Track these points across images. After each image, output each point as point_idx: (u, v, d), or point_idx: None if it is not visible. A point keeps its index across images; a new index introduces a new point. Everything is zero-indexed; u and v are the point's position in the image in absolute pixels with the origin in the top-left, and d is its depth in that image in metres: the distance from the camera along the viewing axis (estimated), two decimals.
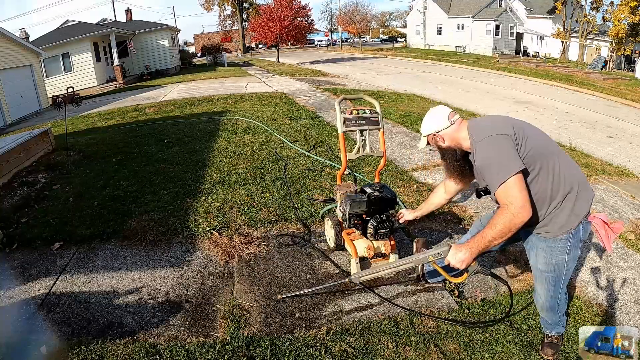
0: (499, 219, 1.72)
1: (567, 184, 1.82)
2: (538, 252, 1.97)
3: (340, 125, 2.89)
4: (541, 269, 1.99)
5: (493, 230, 1.74)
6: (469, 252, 1.80)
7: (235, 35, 50.25)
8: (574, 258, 1.93)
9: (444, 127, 1.98)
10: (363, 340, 2.21)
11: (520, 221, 1.70)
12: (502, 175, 1.70)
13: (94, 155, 5.48)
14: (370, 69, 21.92)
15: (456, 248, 1.83)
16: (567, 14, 27.57)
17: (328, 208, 3.51)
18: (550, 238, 1.89)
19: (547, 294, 2.03)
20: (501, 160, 1.72)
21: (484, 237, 1.77)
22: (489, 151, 1.77)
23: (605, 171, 5.57)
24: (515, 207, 1.68)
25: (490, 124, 1.89)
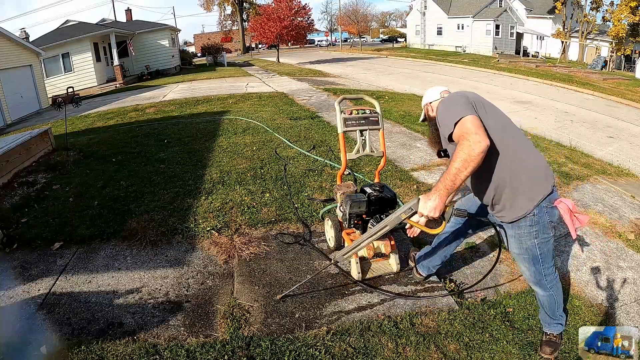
0: (459, 150, 1.69)
1: (522, 169, 1.85)
2: (509, 239, 2.05)
3: (340, 125, 2.89)
4: (516, 252, 2.08)
5: (456, 162, 1.68)
6: (438, 196, 1.72)
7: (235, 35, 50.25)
8: (544, 240, 1.95)
9: (435, 99, 2.21)
10: (363, 340, 2.21)
11: (480, 149, 1.65)
12: (454, 117, 1.77)
13: (94, 155, 5.48)
14: (370, 69, 21.92)
15: (425, 197, 1.76)
16: (567, 14, 27.57)
17: (328, 208, 3.51)
18: (516, 224, 1.94)
19: (529, 271, 2.10)
20: (455, 107, 1.81)
21: (449, 172, 1.70)
22: (448, 104, 1.89)
23: (605, 171, 5.57)
24: (472, 136, 1.68)
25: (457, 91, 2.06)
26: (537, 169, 1.90)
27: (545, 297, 2.16)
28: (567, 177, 4.74)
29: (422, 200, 1.76)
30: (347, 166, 3.04)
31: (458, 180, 1.70)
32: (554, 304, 2.16)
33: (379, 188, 2.64)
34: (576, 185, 4.55)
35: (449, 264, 2.93)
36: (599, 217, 3.75)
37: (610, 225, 3.62)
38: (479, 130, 1.70)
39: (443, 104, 1.94)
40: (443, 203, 1.73)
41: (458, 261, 3.00)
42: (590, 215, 3.78)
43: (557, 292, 2.14)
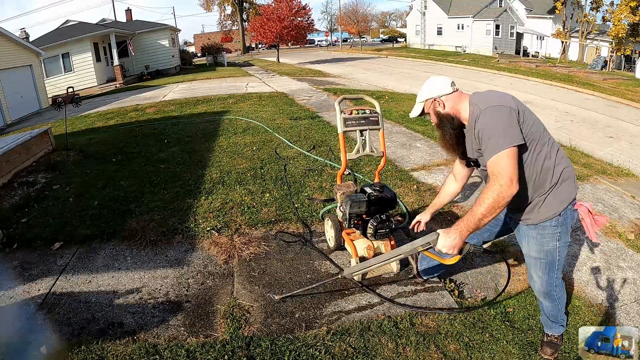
0: (488, 193, 1.69)
1: (557, 172, 1.84)
2: (529, 240, 1.98)
3: (340, 125, 2.89)
4: (534, 256, 2.00)
5: (482, 207, 1.69)
6: (458, 236, 1.73)
7: (235, 35, 50.26)
8: (565, 244, 1.94)
9: (447, 93, 1.93)
10: (363, 340, 2.21)
11: (509, 194, 1.66)
12: (499, 143, 1.68)
13: (94, 155, 5.48)
14: (370, 69, 21.92)
15: (445, 234, 1.76)
16: (567, 14, 27.56)
17: (328, 208, 3.51)
18: (540, 224, 1.91)
19: (542, 280, 2.04)
20: (503, 129, 1.70)
21: (474, 215, 1.71)
22: (493, 118, 1.73)
23: (605, 171, 5.57)
24: (504, 179, 1.66)
25: (496, 95, 1.85)
26: (569, 170, 1.89)
27: (550, 307, 2.15)
28: None
29: (441, 236, 1.76)
30: (347, 166, 3.04)
31: (482, 223, 1.73)
32: (557, 312, 2.16)
33: (379, 188, 2.64)
34: None
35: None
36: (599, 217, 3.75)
37: (610, 225, 3.62)
38: (514, 173, 1.66)
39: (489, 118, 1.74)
40: (462, 242, 1.75)
41: (458, 261, 2.99)
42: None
43: (562, 302, 2.14)
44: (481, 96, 1.88)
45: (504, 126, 1.70)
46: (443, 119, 1.96)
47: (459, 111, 1.93)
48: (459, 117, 1.93)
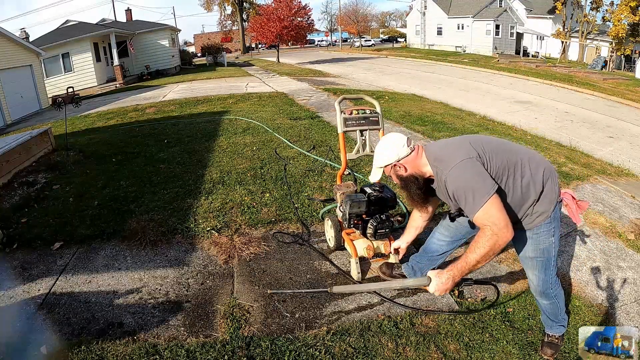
0: (483, 242, 1.69)
1: (538, 181, 1.85)
2: (526, 241, 1.99)
3: (340, 125, 2.89)
4: (530, 256, 2.01)
5: (477, 254, 1.71)
6: (451, 280, 1.74)
7: (235, 35, 50.26)
8: (558, 238, 1.97)
9: (405, 155, 1.90)
10: (363, 340, 2.21)
11: (504, 242, 1.69)
12: (478, 200, 1.68)
13: (94, 155, 5.48)
14: (370, 69, 21.92)
15: (438, 278, 1.75)
16: (567, 14, 27.56)
17: (328, 208, 3.51)
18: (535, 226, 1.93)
19: (539, 278, 2.05)
20: (475, 186, 1.70)
21: (468, 262, 1.73)
22: (460, 179, 1.74)
23: (605, 171, 5.57)
24: (498, 228, 1.67)
25: (452, 149, 1.85)
26: (548, 171, 1.89)
27: (549, 305, 2.16)
28: (567, 177, 4.74)
29: (433, 280, 1.76)
30: (347, 166, 3.04)
31: (475, 268, 1.76)
32: (556, 310, 2.17)
33: (379, 188, 2.64)
34: (576, 185, 4.55)
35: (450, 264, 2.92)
36: (599, 217, 3.75)
37: (610, 225, 3.62)
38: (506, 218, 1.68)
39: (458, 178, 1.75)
40: (453, 285, 1.77)
41: None
42: (590, 215, 3.78)
43: (560, 299, 2.15)
44: (439, 154, 1.87)
45: (475, 181, 1.71)
46: (408, 181, 1.94)
47: (421, 170, 1.93)
48: (423, 175, 1.93)
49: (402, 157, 1.90)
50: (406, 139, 1.94)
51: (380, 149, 1.97)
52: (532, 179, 1.84)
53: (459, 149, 1.82)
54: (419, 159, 1.92)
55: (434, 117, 8.16)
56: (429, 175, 1.93)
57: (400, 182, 1.97)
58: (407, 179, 1.94)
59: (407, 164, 1.91)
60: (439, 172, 1.84)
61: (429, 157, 1.90)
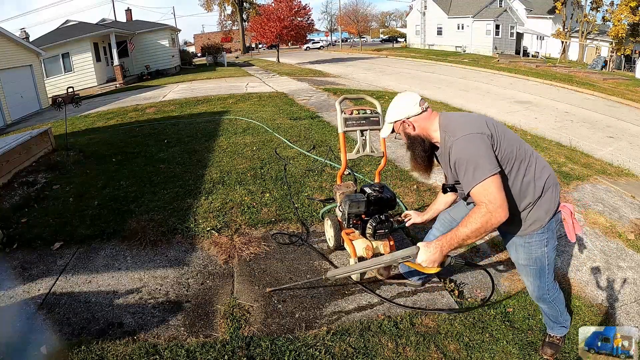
0: (476, 217, 1.68)
1: (539, 185, 1.83)
2: (517, 248, 1.99)
3: (341, 125, 2.89)
4: (523, 264, 2.00)
5: (468, 229, 1.69)
6: (439, 251, 1.75)
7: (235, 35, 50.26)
8: (552, 248, 1.95)
9: (415, 114, 1.87)
10: (363, 340, 2.21)
11: (497, 221, 1.67)
12: (478, 175, 1.66)
13: (94, 155, 5.48)
14: (370, 69, 21.92)
15: (425, 248, 1.77)
16: (567, 14, 27.56)
17: (328, 208, 3.51)
18: (527, 235, 1.91)
19: (533, 285, 2.05)
20: (478, 161, 1.68)
21: (458, 235, 1.72)
22: (466, 150, 1.71)
23: (605, 171, 5.57)
24: (493, 206, 1.65)
25: (466, 121, 1.83)
26: (551, 179, 1.88)
27: (548, 309, 2.16)
28: (567, 177, 4.74)
29: (421, 250, 1.78)
30: (347, 166, 3.04)
31: (464, 244, 1.77)
32: (556, 313, 2.16)
33: (379, 188, 2.64)
34: (576, 185, 4.55)
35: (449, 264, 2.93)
36: (599, 217, 3.75)
37: (610, 225, 3.62)
38: (503, 199, 1.66)
39: (463, 149, 1.71)
40: (442, 257, 1.77)
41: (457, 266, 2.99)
42: (590, 215, 3.78)
43: (558, 303, 2.14)
44: (452, 122, 1.83)
45: (479, 156, 1.68)
46: (413, 140, 1.93)
47: (429, 133, 1.89)
48: (430, 138, 1.90)
49: (412, 115, 1.87)
50: (420, 98, 1.90)
51: (393, 105, 1.95)
52: (533, 181, 1.82)
53: (472, 123, 1.79)
54: (429, 121, 1.88)
55: None
56: (435, 141, 1.89)
57: (407, 140, 1.95)
58: (414, 139, 1.91)
59: (416, 123, 1.88)
60: (446, 138, 1.80)
61: (441, 123, 1.86)
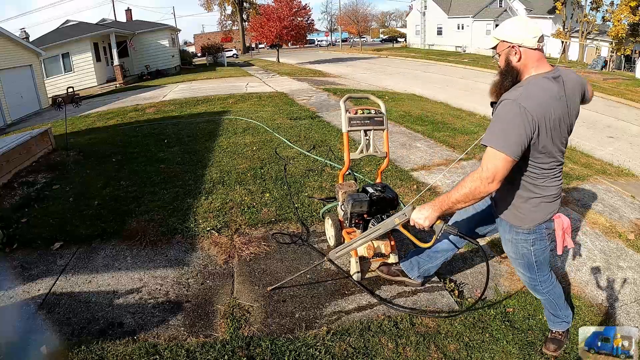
0: (467, 181, 1.71)
1: (546, 191, 1.83)
2: (505, 242, 2.03)
3: (345, 125, 2.88)
4: (512, 257, 2.06)
5: (458, 192, 1.73)
6: (431, 209, 1.81)
7: (235, 35, 50.28)
8: (541, 248, 1.94)
9: (529, 46, 1.69)
10: (363, 340, 2.21)
11: (486, 191, 1.69)
12: (496, 141, 1.64)
13: (94, 155, 5.48)
14: (370, 69, 21.92)
15: (420, 207, 1.85)
16: (567, 14, 27.56)
17: (328, 207, 3.51)
18: (514, 229, 1.92)
19: (524, 276, 2.08)
20: (507, 132, 1.62)
21: (449, 197, 1.77)
22: (506, 114, 1.64)
23: (605, 171, 5.57)
24: (486, 176, 1.66)
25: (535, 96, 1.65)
26: (560, 188, 1.88)
27: (544, 300, 2.18)
28: (567, 177, 4.74)
29: (417, 208, 1.87)
30: (349, 166, 3.04)
31: (455, 208, 1.80)
32: (554, 306, 2.17)
33: (381, 188, 2.64)
34: (576, 185, 4.55)
35: (449, 264, 2.93)
36: (599, 217, 3.75)
37: (610, 225, 3.62)
38: (500, 175, 1.65)
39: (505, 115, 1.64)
40: (435, 216, 1.81)
41: (458, 261, 3.00)
42: (590, 215, 3.78)
43: (554, 296, 2.13)
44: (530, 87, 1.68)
45: (509, 128, 1.63)
46: (511, 71, 1.75)
47: (525, 71, 1.74)
48: (521, 76, 1.75)
49: (525, 45, 1.70)
50: (541, 34, 1.72)
51: (511, 23, 1.75)
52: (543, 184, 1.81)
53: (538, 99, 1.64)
54: (535, 62, 1.72)
55: (434, 117, 8.16)
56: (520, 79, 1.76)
57: (505, 66, 1.77)
58: (512, 69, 1.75)
59: (524, 55, 1.71)
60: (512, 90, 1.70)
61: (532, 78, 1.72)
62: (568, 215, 3.66)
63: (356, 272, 2.69)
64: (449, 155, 5.35)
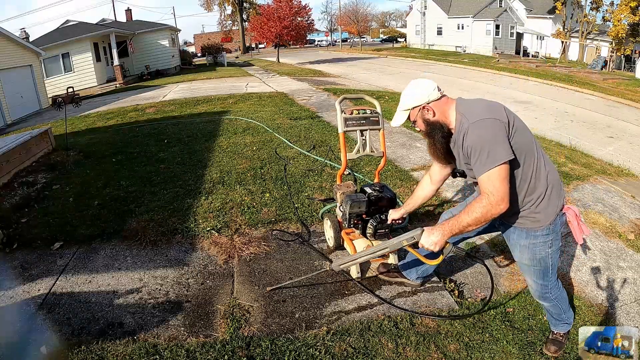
0: (477, 207, 1.71)
1: (546, 181, 1.83)
2: (522, 249, 1.98)
3: (341, 125, 2.89)
4: (527, 264, 2.00)
5: (469, 217, 1.73)
6: (441, 234, 1.79)
7: (235, 35, 50.27)
8: (557, 249, 1.94)
9: (435, 99, 1.82)
10: (363, 340, 2.21)
11: (497, 212, 1.69)
12: (489, 161, 1.66)
13: (94, 155, 5.48)
14: (370, 69, 21.92)
15: (429, 231, 1.82)
16: (567, 14, 27.56)
17: (327, 208, 3.51)
18: (531, 234, 1.90)
19: (536, 284, 2.05)
20: (492, 147, 1.66)
21: (459, 221, 1.76)
22: (482, 133, 1.68)
23: (605, 171, 5.57)
24: (495, 198, 1.67)
25: (484, 106, 1.79)
26: (556, 178, 1.89)
27: (550, 307, 2.16)
28: (567, 177, 4.74)
29: (425, 232, 1.84)
30: (347, 166, 3.04)
31: (465, 231, 1.79)
32: (559, 311, 2.17)
33: (379, 188, 2.64)
34: (576, 185, 4.55)
35: (449, 264, 2.93)
36: (599, 217, 3.75)
37: (610, 225, 3.62)
38: (505, 191, 1.66)
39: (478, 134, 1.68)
40: (444, 241, 1.81)
41: (458, 261, 3.00)
42: (590, 215, 3.78)
43: (560, 301, 2.14)
44: (469, 106, 1.80)
45: (493, 142, 1.67)
46: (433, 127, 1.87)
47: (447, 118, 1.85)
48: (448, 124, 1.86)
49: (432, 99, 1.82)
50: (436, 85, 1.85)
51: (409, 91, 1.88)
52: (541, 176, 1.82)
53: (491, 109, 1.76)
54: (447, 108, 1.84)
55: None
56: (451, 126, 1.85)
57: (427, 127, 1.88)
58: (434, 125, 1.85)
59: (435, 108, 1.83)
60: (462, 121, 1.76)
61: (457, 107, 1.83)
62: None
63: (357, 274, 2.69)
64: None
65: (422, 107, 1.85)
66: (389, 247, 2.07)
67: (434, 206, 3.83)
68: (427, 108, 1.84)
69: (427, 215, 3.66)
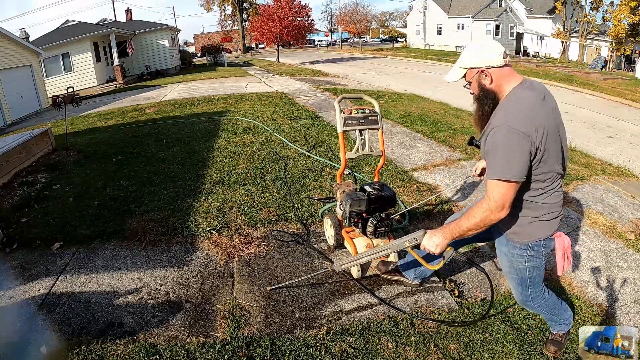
0: (477, 212, 1.72)
1: (549, 208, 1.80)
2: (501, 255, 1.99)
3: (340, 125, 2.90)
4: (505, 270, 2.03)
5: (469, 221, 1.74)
6: (443, 236, 1.80)
7: (235, 35, 50.26)
8: (537, 266, 1.90)
9: (497, 65, 1.68)
10: (363, 340, 2.21)
11: (497, 219, 1.70)
12: (502, 173, 1.63)
13: (94, 155, 5.48)
14: (370, 69, 21.92)
15: (431, 233, 1.84)
16: (567, 14, 27.56)
17: (327, 207, 3.51)
18: (510, 243, 1.88)
19: (516, 290, 2.05)
20: (510, 159, 1.60)
21: (460, 226, 1.77)
22: (502, 143, 1.61)
23: (605, 171, 5.57)
24: (496, 204, 1.66)
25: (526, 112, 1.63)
26: (560, 205, 1.85)
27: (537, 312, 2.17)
28: (567, 177, 4.74)
29: (427, 234, 1.85)
30: (346, 165, 3.05)
31: (465, 235, 1.80)
32: (549, 315, 2.16)
33: (379, 187, 2.65)
34: (576, 185, 4.55)
35: (449, 264, 2.93)
36: (599, 217, 3.75)
37: (610, 225, 3.62)
38: (508, 202, 1.65)
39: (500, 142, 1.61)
40: (446, 244, 1.81)
41: (458, 261, 3.00)
42: (590, 215, 3.78)
43: (547, 309, 2.11)
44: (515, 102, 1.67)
45: (511, 156, 1.60)
46: (487, 95, 1.73)
47: (500, 92, 1.72)
48: (498, 98, 1.73)
49: (493, 65, 1.69)
50: (504, 49, 1.70)
51: (472, 50, 1.74)
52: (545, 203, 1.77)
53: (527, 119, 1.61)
54: (506, 79, 1.70)
55: (434, 117, 8.16)
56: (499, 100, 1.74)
57: (480, 92, 1.75)
58: (488, 93, 1.72)
59: (494, 75, 1.69)
60: (497, 114, 1.68)
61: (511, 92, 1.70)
62: (568, 215, 3.67)
63: (358, 273, 2.69)
64: (449, 156, 5.35)
65: (481, 70, 1.71)
66: (391, 249, 2.07)
67: (434, 206, 3.83)
68: (486, 73, 1.71)
69: (427, 215, 3.67)
